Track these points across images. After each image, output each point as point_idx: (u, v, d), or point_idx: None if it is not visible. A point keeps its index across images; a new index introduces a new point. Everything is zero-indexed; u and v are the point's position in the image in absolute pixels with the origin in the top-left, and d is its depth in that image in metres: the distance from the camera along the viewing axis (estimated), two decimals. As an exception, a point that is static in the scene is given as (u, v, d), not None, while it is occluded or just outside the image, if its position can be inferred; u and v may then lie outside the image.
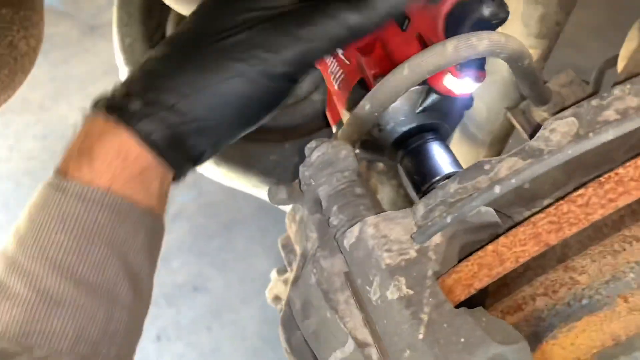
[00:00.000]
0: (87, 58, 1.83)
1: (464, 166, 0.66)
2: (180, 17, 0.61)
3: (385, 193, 0.62)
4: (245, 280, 1.47)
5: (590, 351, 0.30)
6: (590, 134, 0.26)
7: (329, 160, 0.33)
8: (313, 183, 0.33)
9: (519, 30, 0.55)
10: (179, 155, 0.38)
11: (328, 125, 0.52)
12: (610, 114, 0.26)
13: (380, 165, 0.61)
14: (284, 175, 0.65)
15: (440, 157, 0.40)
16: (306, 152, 0.35)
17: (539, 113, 0.44)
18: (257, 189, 0.64)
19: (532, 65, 0.37)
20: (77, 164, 0.36)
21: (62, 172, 0.36)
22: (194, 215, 1.57)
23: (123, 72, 0.64)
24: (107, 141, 0.36)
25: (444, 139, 0.42)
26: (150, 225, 0.38)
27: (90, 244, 0.35)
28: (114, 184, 0.36)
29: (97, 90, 0.39)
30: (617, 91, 0.27)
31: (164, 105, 0.36)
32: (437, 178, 0.39)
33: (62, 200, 0.35)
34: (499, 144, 0.67)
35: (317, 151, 0.33)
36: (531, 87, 0.39)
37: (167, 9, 0.61)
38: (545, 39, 0.56)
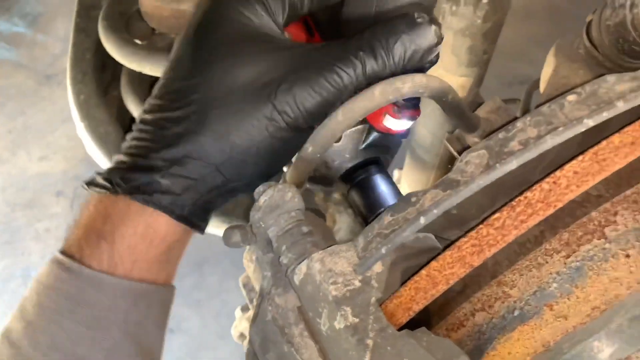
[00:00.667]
0: (44, 107, 1.83)
1: (415, 188, 0.70)
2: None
3: (343, 222, 0.64)
4: (220, 316, 1.47)
5: (525, 358, 0.32)
6: (497, 165, 0.29)
7: (275, 203, 0.35)
8: (263, 225, 0.36)
9: (451, 60, 0.60)
10: (206, 218, 0.36)
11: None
12: (514, 145, 0.30)
13: (337, 196, 0.64)
14: (244, 215, 0.67)
15: (382, 189, 0.43)
16: (255, 196, 0.37)
17: (471, 139, 0.48)
18: (218, 229, 0.65)
19: (456, 99, 0.41)
20: (97, 248, 0.33)
21: (76, 254, 0.34)
22: (165, 255, 1.56)
23: (79, 128, 0.66)
24: (132, 225, 0.33)
25: (385, 168, 0.46)
26: (165, 298, 0.37)
27: (104, 331, 0.33)
28: (134, 269, 0.34)
29: (56, 139, 0.37)
30: (519, 123, 0.31)
31: (191, 178, 0.33)
32: (381, 210, 0.42)
33: (75, 286, 0.33)
34: (447, 166, 0.71)
35: (264, 195, 0.36)
36: (458, 118, 0.43)
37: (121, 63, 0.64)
38: (476, 67, 0.60)
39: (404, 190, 0.62)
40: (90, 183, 0.35)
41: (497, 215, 0.30)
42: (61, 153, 1.71)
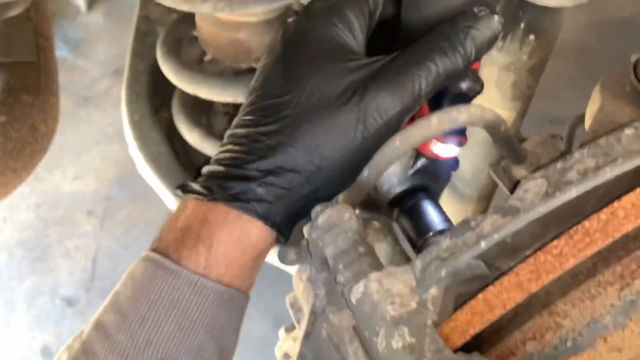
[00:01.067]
0: (80, 128, 1.88)
1: (454, 221, 0.70)
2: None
3: (382, 250, 0.65)
4: (241, 344, 1.46)
5: (579, 389, 0.33)
6: (557, 193, 0.30)
7: (333, 223, 0.37)
8: (320, 244, 0.37)
9: (495, 94, 0.61)
10: (292, 228, 0.38)
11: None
12: (573, 175, 0.31)
13: (376, 223, 0.65)
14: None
15: (432, 214, 0.44)
16: (313, 215, 0.39)
17: (517, 170, 0.49)
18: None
19: (507, 131, 0.42)
20: (194, 251, 0.35)
21: (173, 255, 0.36)
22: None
23: (132, 146, 0.69)
24: (228, 230, 0.35)
25: (434, 198, 0.47)
26: (244, 306, 0.39)
27: (193, 331, 0.35)
28: (226, 273, 0.36)
29: (90, 160, 0.38)
30: (577, 154, 0.32)
31: (284, 187, 0.36)
32: (430, 234, 0.43)
33: (172, 285, 0.35)
34: (486, 199, 0.71)
35: (322, 215, 0.37)
36: (508, 149, 0.44)
37: (172, 86, 0.67)
38: (519, 101, 0.62)
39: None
40: (185, 190, 0.37)
41: (554, 242, 0.31)
42: (94, 173, 1.75)
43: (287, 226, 0.38)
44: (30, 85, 0.57)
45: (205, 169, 0.38)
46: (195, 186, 0.37)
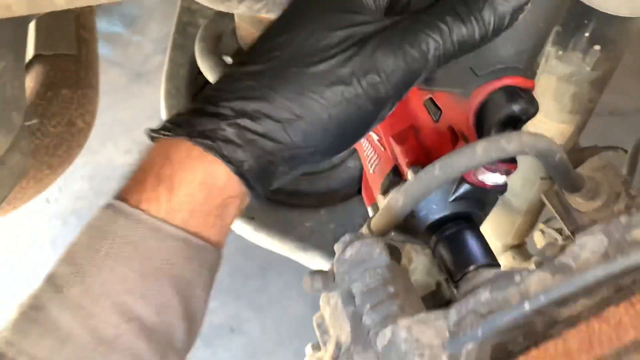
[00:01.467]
0: (133, 103, 1.92)
1: (500, 232, 0.65)
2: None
3: (420, 262, 0.62)
4: (281, 323, 1.48)
5: None
6: (619, 256, 0.26)
7: (362, 258, 0.34)
8: (347, 279, 0.35)
9: (552, 106, 0.56)
10: (265, 184, 0.34)
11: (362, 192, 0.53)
12: (638, 234, 0.27)
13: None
14: (319, 242, 0.66)
15: (473, 246, 0.41)
16: (341, 245, 0.36)
17: (572, 198, 0.45)
18: (294, 254, 0.65)
19: (562, 159, 0.38)
20: (155, 192, 0.32)
21: (133, 198, 0.32)
22: (232, 255, 1.60)
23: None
24: (192, 170, 0.32)
25: (477, 226, 0.43)
26: (214, 262, 0.35)
27: (156, 284, 0.31)
28: (191, 219, 0.32)
29: (141, 135, 0.34)
30: (646, 209, 0.28)
31: (257, 133, 0.32)
32: (470, 268, 0.39)
33: (132, 231, 0.31)
34: (535, 212, 0.67)
35: (350, 248, 0.35)
36: (563, 178, 0.40)
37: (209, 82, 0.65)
38: (578, 115, 0.56)
39: (486, 231, 0.58)
40: (154, 130, 0.34)
41: (612, 310, 0.27)
42: (144, 148, 1.79)
43: (258, 181, 0.33)
44: (69, 79, 0.57)
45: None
46: (165, 124, 0.33)
